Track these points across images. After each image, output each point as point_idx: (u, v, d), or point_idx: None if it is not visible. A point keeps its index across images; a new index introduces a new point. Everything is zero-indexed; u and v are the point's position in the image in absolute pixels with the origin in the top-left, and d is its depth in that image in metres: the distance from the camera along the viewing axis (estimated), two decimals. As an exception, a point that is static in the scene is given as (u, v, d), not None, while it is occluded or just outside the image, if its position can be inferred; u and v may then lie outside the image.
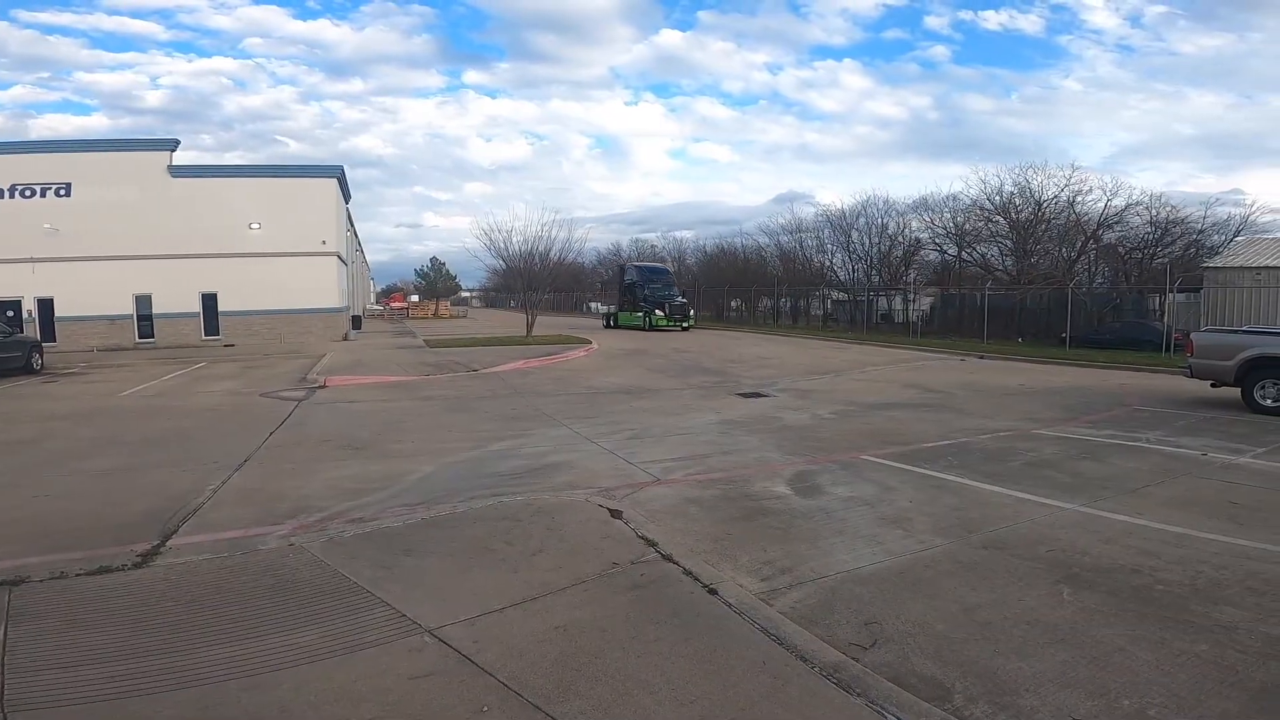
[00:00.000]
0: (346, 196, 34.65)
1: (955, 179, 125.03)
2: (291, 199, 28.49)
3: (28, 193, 26.20)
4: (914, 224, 37.13)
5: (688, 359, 19.71)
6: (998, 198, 32.44)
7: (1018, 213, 31.93)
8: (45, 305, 26.46)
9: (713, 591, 4.09)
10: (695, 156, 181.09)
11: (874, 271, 38.44)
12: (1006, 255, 32.84)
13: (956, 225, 34.18)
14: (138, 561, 4.59)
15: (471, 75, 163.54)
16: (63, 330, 26.17)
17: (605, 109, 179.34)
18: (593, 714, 2.92)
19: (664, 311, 32.44)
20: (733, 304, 45.89)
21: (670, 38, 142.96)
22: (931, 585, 4.28)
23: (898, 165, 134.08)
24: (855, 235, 39.48)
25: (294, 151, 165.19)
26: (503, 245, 28.56)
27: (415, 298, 77.15)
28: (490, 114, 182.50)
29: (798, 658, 3.36)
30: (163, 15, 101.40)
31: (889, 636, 3.65)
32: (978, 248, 33.96)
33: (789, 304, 41.18)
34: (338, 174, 30.72)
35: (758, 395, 12.75)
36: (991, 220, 32.94)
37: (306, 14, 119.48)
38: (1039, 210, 31.47)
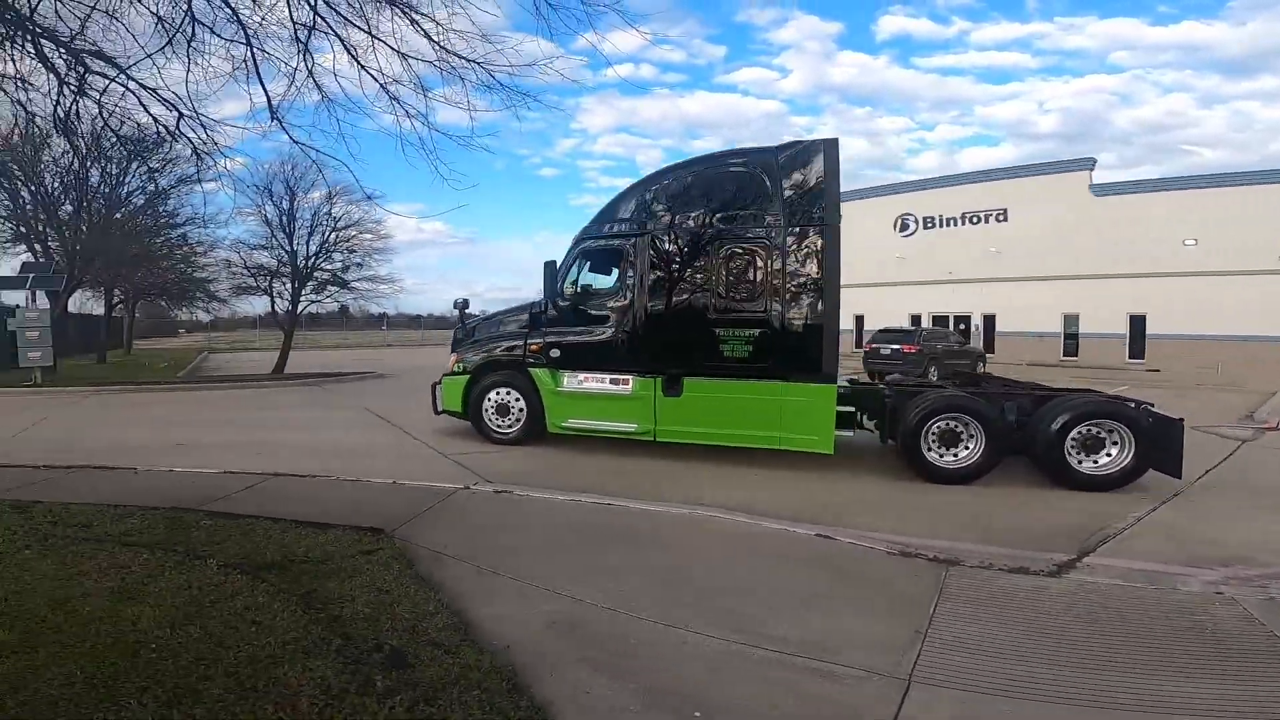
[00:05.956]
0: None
1: None
2: (1231, 210, 24.22)
3: (974, 219, 31.28)
4: None
5: None
6: None
7: None
8: (988, 320, 31.09)
9: None
10: None
11: None
12: None
13: None
14: (1053, 570, 4.76)
15: None
16: (1001, 344, 30.13)
17: None
18: None
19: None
20: None
21: None
22: None
23: None
24: None
25: (1209, 160, 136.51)
26: None
27: None
28: None
29: None
30: (1022, 45, 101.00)
31: None
32: None
33: None
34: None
35: None
36: None
37: (1161, 19, 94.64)
38: None
